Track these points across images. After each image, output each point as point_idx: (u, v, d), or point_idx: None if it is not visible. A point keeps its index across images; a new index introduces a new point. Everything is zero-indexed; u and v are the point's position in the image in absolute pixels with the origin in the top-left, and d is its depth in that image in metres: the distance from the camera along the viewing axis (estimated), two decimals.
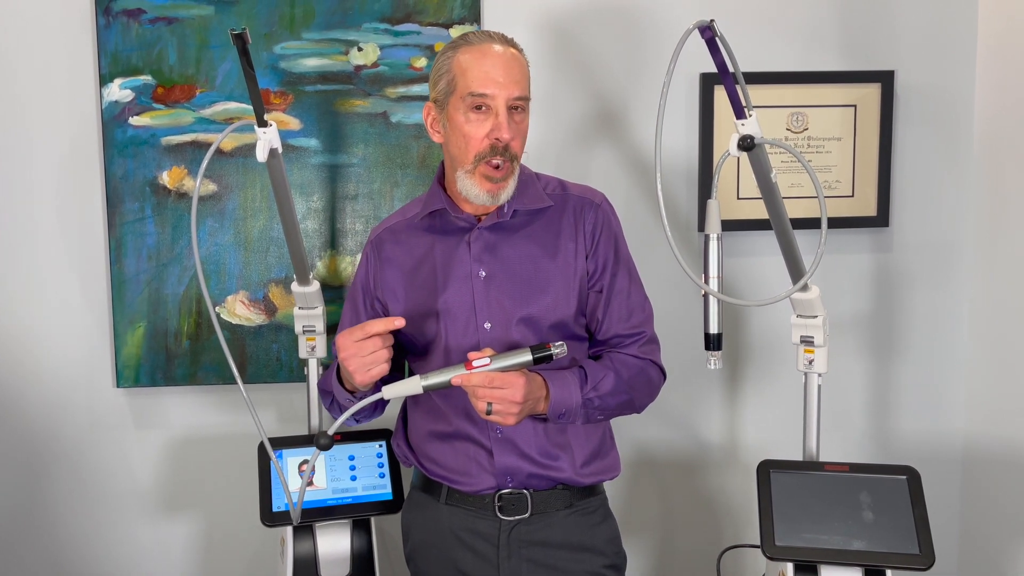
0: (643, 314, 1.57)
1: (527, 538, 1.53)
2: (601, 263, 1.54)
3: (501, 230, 1.53)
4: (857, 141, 2.11)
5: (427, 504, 1.59)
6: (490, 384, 1.36)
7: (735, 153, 1.53)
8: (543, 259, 1.52)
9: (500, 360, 1.37)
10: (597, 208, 1.55)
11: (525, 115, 1.49)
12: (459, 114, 1.46)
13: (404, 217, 1.61)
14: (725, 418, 2.17)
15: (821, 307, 1.72)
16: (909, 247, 2.17)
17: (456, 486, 1.54)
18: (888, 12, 2.10)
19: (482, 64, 1.44)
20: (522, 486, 1.52)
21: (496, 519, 1.52)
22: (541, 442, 1.51)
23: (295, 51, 1.95)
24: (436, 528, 1.57)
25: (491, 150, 1.45)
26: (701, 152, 2.07)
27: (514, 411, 1.37)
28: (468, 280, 1.51)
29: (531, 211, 1.53)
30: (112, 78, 1.92)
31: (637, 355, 1.54)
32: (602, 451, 1.58)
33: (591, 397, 1.47)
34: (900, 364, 2.19)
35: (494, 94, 1.43)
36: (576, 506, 1.55)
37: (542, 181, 1.58)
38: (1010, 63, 2.04)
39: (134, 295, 1.96)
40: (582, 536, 1.55)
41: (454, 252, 1.53)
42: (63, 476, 2.02)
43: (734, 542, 2.14)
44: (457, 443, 1.54)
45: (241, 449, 2.01)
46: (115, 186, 1.94)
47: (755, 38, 2.06)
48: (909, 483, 1.64)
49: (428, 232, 1.56)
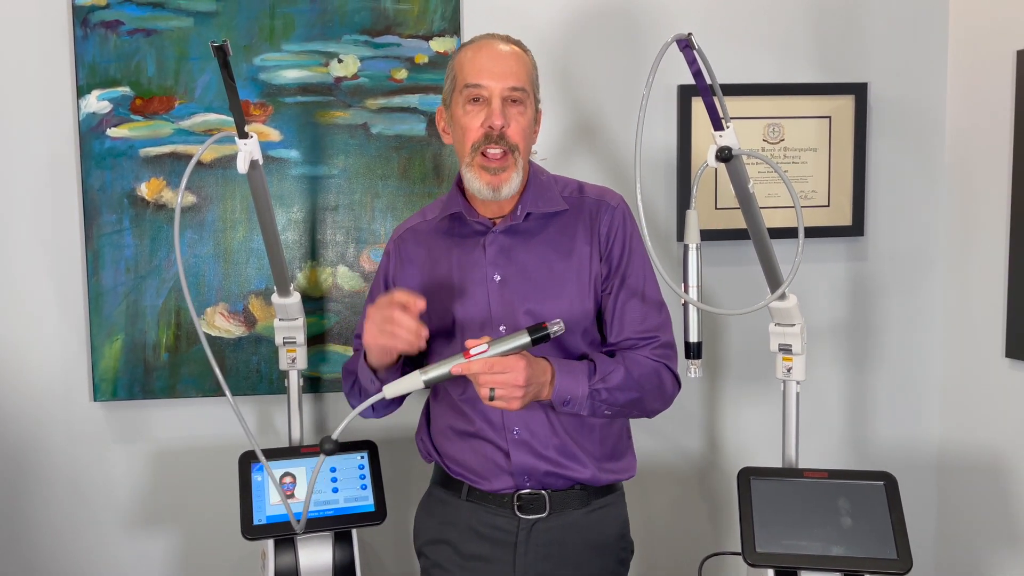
0: (659, 318, 1.56)
1: (545, 537, 1.54)
2: (615, 265, 1.54)
3: (516, 234, 1.54)
4: (832, 152, 2.14)
5: (447, 500, 1.60)
6: (490, 370, 1.35)
7: (713, 164, 1.55)
8: (558, 262, 1.52)
9: (498, 345, 1.36)
10: (613, 210, 1.56)
11: (526, 108, 1.49)
12: (459, 108, 1.49)
13: (425, 219, 1.63)
14: (705, 426, 2.19)
15: (799, 315, 1.75)
16: (884, 256, 2.20)
17: (476, 485, 1.55)
18: (861, 26, 2.14)
19: (478, 57, 1.48)
20: (540, 486, 1.53)
21: (515, 517, 1.54)
22: (557, 442, 1.52)
23: (275, 63, 1.95)
24: (455, 521, 1.58)
25: (485, 138, 1.46)
26: (679, 163, 2.09)
27: (518, 395, 1.37)
28: (484, 284, 1.52)
29: (546, 214, 1.54)
30: (90, 89, 1.91)
31: (651, 357, 1.53)
32: (617, 451, 1.59)
33: (598, 388, 1.46)
34: (876, 371, 2.22)
35: (488, 84, 1.45)
36: (593, 504, 1.56)
37: (560, 184, 1.59)
38: (979, 76, 2.09)
39: (112, 307, 1.94)
40: (599, 535, 1.57)
41: (470, 256, 1.54)
42: (39, 492, 1.99)
43: (715, 549, 2.15)
44: (476, 443, 1.55)
45: (220, 462, 1.99)
46: (93, 198, 1.92)
47: (732, 51, 2.09)
48: (886, 489, 1.66)
49: (447, 235, 1.58)
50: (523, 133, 1.49)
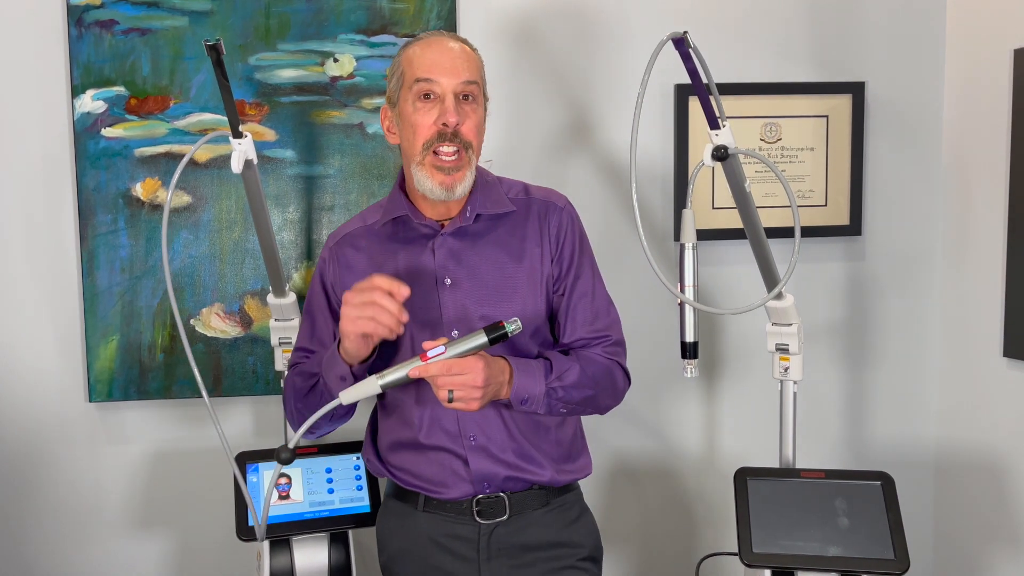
0: (608, 318, 1.56)
1: (507, 540, 1.52)
2: (566, 266, 1.53)
3: (465, 236, 1.51)
4: (829, 151, 2.14)
5: (404, 512, 1.57)
6: (448, 372, 1.33)
7: (709, 163, 1.55)
8: (509, 264, 1.51)
9: (455, 347, 1.34)
10: (561, 211, 1.55)
11: (478, 105, 1.47)
12: (408, 105, 1.45)
13: (364, 223, 1.58)
14: (702, 426, 2.18)
15: (795, 315, 1.74)
16: (881, 255, 2.20)
17: (433, 495, 1.53)
18: (858, 25, 2.13)
19: (428, 52, 1.45)
20: (499, 489, 1.52)
21: (475, 523, 1.52)
22: (515, 446, 1.51)
23: (270, 62, 1.95)
24: (414, 535, 1.56)
25: (439, 136, 1.43)
26: (676, 162, 2.08)
27: (476, 395, 1.35)
28: (434, 288, 1.50)
29: (494, 216, 1.52)
30: (84, 89, 1.90)
31: (603, 355, 1.54)
32: (573, 452, 1.59)
33: (555, 387, 1.46)
34: (873, 371, 2.22)
35: (440, 80, 1.42)
36: (552, 503, 1.55)
37: (505, 185, 1.57)
38: (976, 75, 2.09)
39: (107, 308, 1.94)
40: (559, 533, 1.55)
41: (418, 260, 1.51)
42: (33, 492, 1.99)
43: (712, 549, 2.15)
44: (431, 453, 1.52)
45: (216, 464, 1.99)
46: (87, 198, 1.92)
47: (728, 50, 2.08)
48: (883, 488, 1.66)
49: (390, 240, 1.54)
50: (476, 130, 1.46)
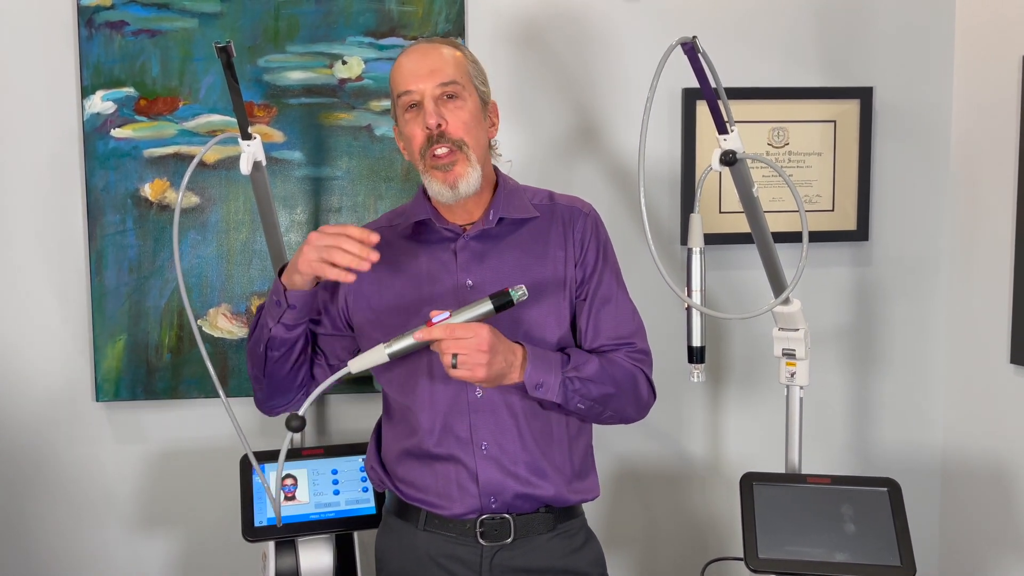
0: (632, 325, 1.55)
1: (509, 564, 1.49)
2: (589, 271, 1.53)
3: (488, 239, 1.51)
4: (837, 156, 2.13)
5: (403, 531, 1.54)
6: (452, 335, 1.31)
7: (717, 168, 1.55)
8: (533, 267, 1.50)
9: (461, 313, 1.34)
10: (586, 217, 1.54)
11: (465, 101, 1.46)
12: (401, 119, 1.49)
13: (389, 224, 1.59)
14: (708, 431, 2.18)
15: (802, 320, 1.74)
16: (888, 261, 2.19)
17: (436, 510, 1.50)
18: (866, 29, 2.13)
19: (405, 64, 1.47)
20: (505, 508, 1.49)
21: (478, 545, 1.48)
22: (527, 458, 1.48)
23: (279, 64, 1.95)
24: (413, 555, 1.52)
25: (428, 141, 1.44)
26: (684, 166, 2.08)
27: (481, 361, 1.31)
28: (455, 290, 1.50)
29: (517, 220, 1.52)
30: (94, 90, 1.91)
31: (627, 360, 1.52)
32: (583, 470, 1.56)
33: (571, 377, 1.43)
34: (880, 376, 2.21)
35: (416, 88, 1.44)
36: (558, 529, 1.52)
37: (529, 192, 1.57)
38: (985, 81, 2.08)
39: (115, 308, 1.94)
40: (565, 560, 1.52)
41: (440, 262, 1.51)
42: (41, 492, 1.99)
43: (717, 555, 2.14)
44: (438, 464, 1.49)
45: (222, 464, 1.99)
46: (96, 198, 1.92)
47: (737, 54, 2.08)
48: (890, 495, 1.65)
49: (412, 241, 1.54)
50: (465, 127, 1.45)
